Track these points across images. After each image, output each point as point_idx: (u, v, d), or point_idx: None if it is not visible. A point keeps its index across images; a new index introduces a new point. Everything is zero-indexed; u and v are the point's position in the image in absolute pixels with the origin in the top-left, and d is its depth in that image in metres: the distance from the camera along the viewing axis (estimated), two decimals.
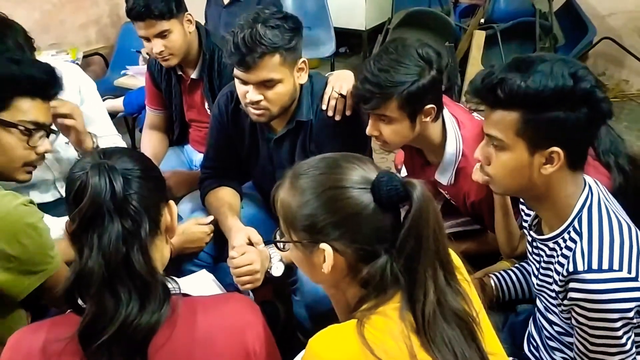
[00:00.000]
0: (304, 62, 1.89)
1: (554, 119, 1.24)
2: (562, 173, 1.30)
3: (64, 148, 2.06)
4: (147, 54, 2.64)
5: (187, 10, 2.40)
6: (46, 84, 1.57)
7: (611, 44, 4.48)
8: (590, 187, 1.36)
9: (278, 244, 1.17)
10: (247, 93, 1.84)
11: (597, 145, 1.79)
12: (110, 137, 2.20)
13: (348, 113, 1.93)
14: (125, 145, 2.36)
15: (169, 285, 1.11)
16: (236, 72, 1.83)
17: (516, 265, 1.78)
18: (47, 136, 1.61)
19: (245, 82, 1.83)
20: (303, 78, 1.91)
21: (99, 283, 1.00)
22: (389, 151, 2.00)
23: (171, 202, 1.18)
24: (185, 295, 1.14)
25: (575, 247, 1.30)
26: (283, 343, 2.15)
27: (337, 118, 1.94)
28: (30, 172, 1.60)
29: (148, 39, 2.36)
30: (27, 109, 1.52)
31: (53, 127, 1.70)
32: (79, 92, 2.14)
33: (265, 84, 1.82)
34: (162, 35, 2.32)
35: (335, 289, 1.15)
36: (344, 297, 1.14)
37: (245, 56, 1.76)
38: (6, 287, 1.42)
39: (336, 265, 1.08)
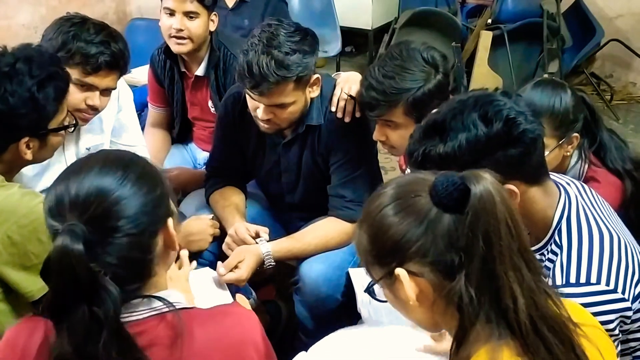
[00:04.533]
0: (317, 77, 1.87)
1: (488, 165, 1.19)
2: (529, 194, 1.29)
3: (84, 154, 2.08)
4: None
5: (214, 11, 2.43)
6: (69, 74, 1.67)
7: (619, 45, 4.46)
8: (567, 194, 1.34)
9: (375, 294, 1.07)
10: (257, 109, 1.84)
11: (603, 154, 1.80)
12: (140, 148, 2.25)
13: (357, 115, 1.92)
14: (148, 157, 2.37)
15: (171, 299, 1.07)
16: (248, 91, 1.82)
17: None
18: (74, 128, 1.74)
19: (256, 101, 1.82)
20: (315, 92, 1.90)
21: None
22: (396, 155, 1.99)
23: (169, 220, 1.08)
24: (183, 308, 1.09)
25: (556, 260, 1.30)
26: (285, 343, 2.16)
27: (347, 120, 1.93)
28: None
29: (172, 14, 2.34)
30: (64, 106, 1.62)
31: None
32: (117, 100, 2.17)
33: (277, 106, 1.81)
34: (189, 15, 2.33)
35: (437, 326, 1.04)
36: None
37: (259, 84, 1.74)
38: (23, 287, 1.44)
39: (423, 292, 0.97)
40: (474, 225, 0.91)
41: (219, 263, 1.83)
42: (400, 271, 0.96)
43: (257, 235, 1.92)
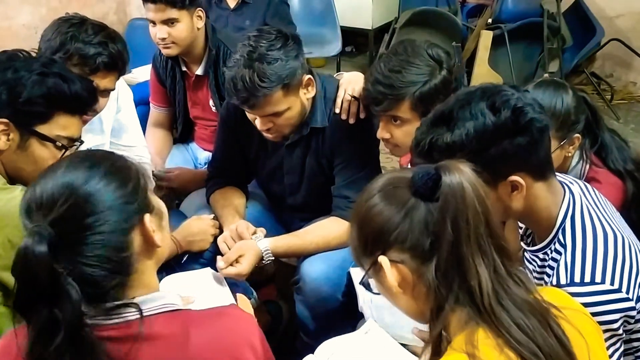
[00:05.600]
0: (309, 78, 1.87)
1: (496, 155, 1.23)
2: (534, 189, 1.29)
3: None
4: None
5: (200, 7, 2.40)
6: (87, 102, 1.59)
7: (619, 45, 4.46)
8: (571, 193, 1.34)
9: (366, 285, 1.12)
10: (255, 120, 1.85)
11: (604, 155, 1.80)
12: (139, 149, 2.26)
13: (362, 116, 1.92)
14: (148, 157, 2.35)
15: (165, 301, 1.06)
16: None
17: (519, 268, 1.77)
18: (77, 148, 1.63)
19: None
20: (311, 92, 1.90)
21: None
22: (398, 155, 1.99)
23: (145, 216, 1.06)
24: (178, 310, 1.09)
25: (560, 259, 1.29)
26: (286, 343, 2.16)
27: (351, 121, 1.93)
28: None
29: (154, 23, 2.35)
30: (66, 125, 1.53)
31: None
32: (117, 100, 2.17)
33: (273, 115, 1.82)
34: (169, 22, 2.33)
35: (422, 314, 1.06)
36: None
37: (247, 99, 1.75)
38: None
39: (404, 279, 1.02)
40: (444, 211, 0.97)
41: (219, 257, 1.83)
42: (382, 259, 1.02)
43: (254, 233, 1.92)
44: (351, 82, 1.95)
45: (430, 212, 0.99)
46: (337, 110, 1.93)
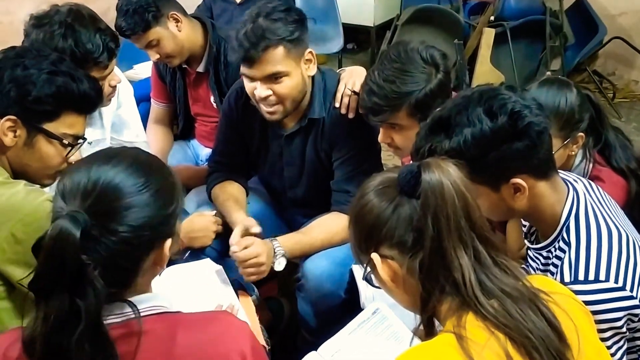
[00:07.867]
0: (310, 52, 1.88)
1: (495, 160, 1.23)
2: (537, 189, 1.29)
3: (88, 151, 2.07)
4: None
5: (173, 9, 2.36)
6: (95, 102, 1.60)
7: (621, 43, 4.45)
8: (575, 191, 1.34)
9: (368, 279, 1.15)
10: (255, 90, 1.83)
11: (608, 153, 1.79)
12: (140, 145, 2.25)
13: (361, 111, 1.91)
14: (148, 152, 2.37)
15: (154, 302, 1.05)
16: (242, 69, 1.83)
17: (522, 266, 1.77)
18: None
19: (252, 79, 1.83)
20: (312, 70, 1.90)
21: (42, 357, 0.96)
22: (401, 156, 1.99)
23: (167, 241, 1.06)
24: (166, 312, 1.07)
25: (564, 257, 1.29)
26: (287, 340, 2.16)
27: (351, 116, 1.93)
28: (56, 178, 1.61)
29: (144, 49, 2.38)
30: (72, 123, 1.54)
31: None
32: (117, 96, 2.17)
33: (272, 78, 1.81)
34: (150, 45, 2.34)
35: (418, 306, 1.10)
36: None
37: (248, 51, 1.76)
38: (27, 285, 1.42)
39: (396, 273, 1.07)
40: (425, 207, 1.01)
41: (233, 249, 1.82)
42: (374, 255, 1.08)
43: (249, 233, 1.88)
44: (352, 77, 1.95)
45: (414, 208, 1.04)
46: (337, 105, 1.93)
